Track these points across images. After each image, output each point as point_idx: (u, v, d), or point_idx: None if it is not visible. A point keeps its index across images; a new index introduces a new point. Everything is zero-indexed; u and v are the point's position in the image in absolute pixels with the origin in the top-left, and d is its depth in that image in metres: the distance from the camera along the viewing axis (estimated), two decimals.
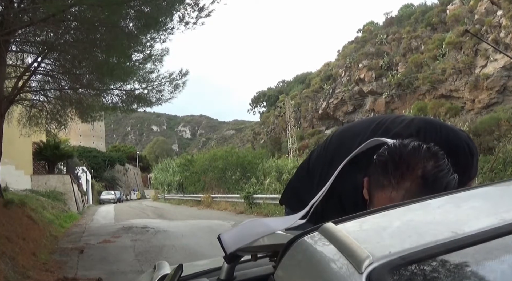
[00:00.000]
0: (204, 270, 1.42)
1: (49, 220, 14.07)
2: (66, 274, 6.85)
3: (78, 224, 17.73)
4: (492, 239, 0.62)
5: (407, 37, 55.83)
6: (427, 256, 0.60)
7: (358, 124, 1.61)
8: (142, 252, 9.06)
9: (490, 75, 41.90)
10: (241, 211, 18.66)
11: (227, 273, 1.04)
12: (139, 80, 11.82)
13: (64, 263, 7.95)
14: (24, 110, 14.10)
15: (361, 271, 0.59)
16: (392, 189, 1.14)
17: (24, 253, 7.59)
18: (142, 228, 14.04)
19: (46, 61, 12.02)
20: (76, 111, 14.27)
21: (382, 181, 1.16)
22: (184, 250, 9.17)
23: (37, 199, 16.75)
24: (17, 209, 10.85)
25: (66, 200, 23.08)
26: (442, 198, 0.88)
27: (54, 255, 8.90)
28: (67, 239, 11.96)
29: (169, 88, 12.18)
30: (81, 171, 36.58)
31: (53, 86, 12.78)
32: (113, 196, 49.74)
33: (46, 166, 26.01)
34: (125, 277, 6.62)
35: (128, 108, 12.98)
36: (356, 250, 0.64)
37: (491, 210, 0.79)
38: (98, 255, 9.02)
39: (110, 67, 9.23)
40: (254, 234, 1.01)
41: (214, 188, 27.04)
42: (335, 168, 1.32)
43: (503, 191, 0.98)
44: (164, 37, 10.24)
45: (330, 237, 0.73)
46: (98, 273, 6.83)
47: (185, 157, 37.59)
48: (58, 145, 24.97)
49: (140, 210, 28.29)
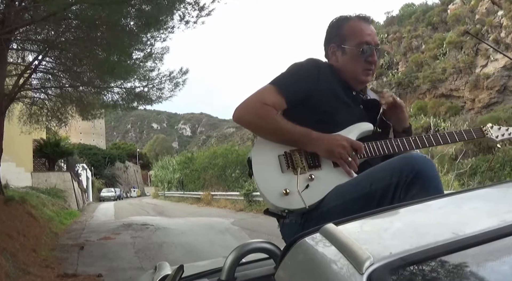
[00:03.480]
0: (205, 271, 1.42)
1: (50, 217, 14.11)
2: (67, 270, 6.92)
3: (78, 221, 17.79)
4: (493, 240, 0.62)
5: (407, 36, 55.62)
6: (427, 257, 0.60)
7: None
8: (142, 249, 9.14)
9: (491, 75, 41.79)
10: (241, 209, 18.76)
11: (228, 274, 1.05)
12: (139, 78, 11.90)
13: (65, 260, 8.03)
14: (24, 107, 14.14)
15: (362, 271, 0.59)
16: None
17: (25, 250, 7.66)
18: (142, 225, 14.12)
19: (47, 59, 12.07)
20: (77, 109, 14.32)
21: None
22: (183, 247, 9.24)
23: (37, 196, 16.80)
24: (17, 206, 10.91)
25: (66, 197, 23.13)
26: (443, 199, 0.89)
27: (55, 251, 8.96)
28: (67, 235, 12.02)
29: (169, 86, 12.28)
30: (81, 168, 36.62)
31: (54, 84, 12.82)
32: (113, 193, 49.86)
33: (46, 164, 26.03)
34: (125, 274, 6.69)
35: (128, 106, 13.04)
36: (357, 251, 0.64)
37: (492, 212, 0.79)
38: (98, 251, 9.09)
39: (111, 65, 9.28)
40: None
41: (214, 185, 27.11)
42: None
43: (503, 193, 0.98)
44: (165, 36, 10.32)
45: (331, 238, 0.73)
46: (98, 269, 6.90)
47: (185, 155, 37.79)
48: (58, 142, 25.01)
49: (140, 207, 28.40)
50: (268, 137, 1.68)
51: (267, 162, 1.62)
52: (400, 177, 1.34)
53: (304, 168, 1.58)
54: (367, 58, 1.76)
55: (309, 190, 1.52)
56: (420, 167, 1.33)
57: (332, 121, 1.67)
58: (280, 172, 1.59)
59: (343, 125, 1.68)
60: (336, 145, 1.56)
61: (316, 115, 1.68)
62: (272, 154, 1.63)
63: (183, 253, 8.43)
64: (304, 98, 1.70)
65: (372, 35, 1.78)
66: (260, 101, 1.67)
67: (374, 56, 1.78)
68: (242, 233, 10.91)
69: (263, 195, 1.58)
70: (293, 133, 1.62)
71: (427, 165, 1.35)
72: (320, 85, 1.71)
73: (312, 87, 1.70)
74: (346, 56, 1.78)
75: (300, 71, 1.75)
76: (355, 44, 1.76)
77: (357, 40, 1.76)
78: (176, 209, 23.41)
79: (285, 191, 1.52)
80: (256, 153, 1.67)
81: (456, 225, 0.70)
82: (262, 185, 1.59)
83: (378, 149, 1.65)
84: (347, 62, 1.79)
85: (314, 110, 1.69)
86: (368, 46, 1.75)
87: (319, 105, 1.70)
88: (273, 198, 1.54)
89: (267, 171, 1.61)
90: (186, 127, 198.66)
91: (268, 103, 1.66)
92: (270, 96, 1.68)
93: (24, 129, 14.60)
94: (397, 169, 1.36)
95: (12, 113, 13.55)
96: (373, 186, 1.39)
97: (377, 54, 1.80)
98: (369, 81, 1.86)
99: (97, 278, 6.30)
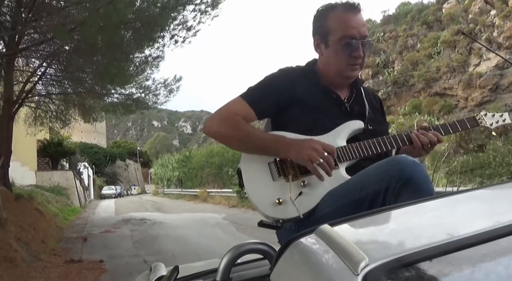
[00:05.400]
0: (200, 271, 1.42)
1: (54, 213, 15.01)
2: (72, 257, 7.95)
3: (81, 217, 18.80)
4: (487, 241, 0.62)
5: (403, 35, 55.77)
6: (422, 258, 0.60)
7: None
8: (139, 241, 10.17)
9: (483, 73, 42.10)
10: (234, 205, 19.61)
11: (223, 275, 1.03)
12: (136, 86, 13.00)
13: (70, 249, 9.07)
14: (30, 111, 15.14)
15: (357, 272, 0.59)
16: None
17: (35, 240, 8.70)
18: (140, 220, 15.21)
19: (52, 66, 13.11)
20: (79, 112, 15.36)
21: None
22: (176, 239, 10.25)
23: (42, 194, 17.52)
24: (26, 202, 11.90)
25: (69, 195, 23.92)
26: (438, 200, 0.88)
27: (61, 243, 10.04)
28: (71, 230, 13.10)
29: (164, 92, 13.39)
30: (83, 167, 37.28)
31: (58, 90, 13.82)
32: (114, 191, 50.14)
33: (49, 163, 27.04)
34: (123, 260, 7.72)
35: (127, 110, 14.11)
36: (352, 251, 0.63)
37: (487, 213, 0.80)
38: (100, 243, 10.14)
39: (110, 76, 10.36)
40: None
41: (211, 183, 27.99)
42: None
43: (498, 194, 0.99)
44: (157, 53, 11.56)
45: (326, 239, 0.73)
46: (100, 256, 7.93)
47: (183, 154, 38.36)
48: (61, 142, 25.96)
49: (139, 204, 29.25)
50: (240, 147, 1.66)
51: (257, 171, 1.58)
52: (390, 183, 1.30)
53: (296, 175, 1.54)
54: (351, 53, 1.66)
55: (302, 197, 1.50)
56: (409, 173, 1.30)
57: (318, 127, 1.63)
58: (272, 180, 1.55)
59: (331, 128, 1.64)
60: (307, 148, 1.49)
61: (301, 123, 1.64)
62: (261, 162, 1.59)
63: (176, 244, 9.45)
64: (280, 109, 1.67)
65: (358, 27, 1.65)
66: (230, 112, 1.65)
67: (359, 51, 1.66)
68: (231, 226, 11.94)
69: (256, 206, 1.54)
70: (265, 140, 1.60)
71: (416, 170, 1.31)
72: (298, 94, 1.66)
73: (285, 98, 1.66)
74: (330, 50, 1.70)
75: (270, 83, 1.70)
76: (338, 37, 1.66)
77: (341, 34, 1.65)
78: (174, 206, 24.28)
79: (278, 201, 1.49)
80: (245, 163, 1.62)
81: (451, 226, 0.71)
82: (254, 196, 1.55)
83: (370, 147, 1.60)
84: (330, 57, 1.71)
85: (299, 118, 1.65)
86: (351, 41, 1.64)
87: (302, 113, 1.65)
88: (267, 208, 1.50)
89: (257, 180, 1.57)
90: (186, 124, 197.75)
91: (239, 114, 1.64)
92: (239, 108, 1.65)
93: (29, 131, 15.58)
94: (386, 175, 1.33)
95: (18, 116, 14.48)
96: (363, 192, 1.37)
97: (364, 47, 1.68)
98: (355, 76, 1.75)
99: (99, 263, 7.33)
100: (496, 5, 42.73)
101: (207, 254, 7.54)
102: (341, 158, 1.56)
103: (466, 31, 43.22)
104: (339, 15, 1.66)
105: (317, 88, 1.70)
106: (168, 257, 7.70)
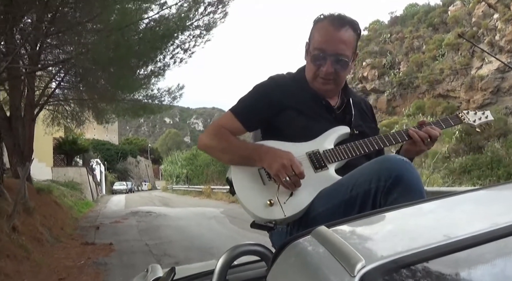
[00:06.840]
0: (196, 273, 1.43)
1: (69, 206, 16.55)
2: (87, 241, 9.54)
3: (94, 210, 20.43)
4: (484, 243, 0.62)
5: (409, 36, 56.05)
6: (419, 259, 0.60)
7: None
8: (144, 229, 11.71)
9: (485, 76, 42.53)
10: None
11: (219, 276, 1.02)
12: (143, 94, 14.67)
13: (85, 235, 10.64)
14: (48, 112, 16.72)
15: (354, 274, 0.59)
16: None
17: (56, 227, 10.32)
18: (146, 212, 16.90)
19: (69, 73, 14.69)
20: (93, 114, 16.93)
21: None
22: (176, 228, 11.74)
23: (58, 188, 18.95)
24: (46, 195, 13.51)
25: (82, 190, 25.32)
26: (435, 202, 0.88)
27: (77, 230, 11.66)
28: (85, 220, 14.77)
29: (169, 99, 15.06)
30: (95, 163, 38.70)
31: (74, 95, 15.39)
32: (125, 186, 51.09)
33: (64, 159, 28.77)
34: (129, 243, 9.26)
35: (135, 114, 15.74)
36: (349, 253, 0.63)
37: (484, 214, 0.80)
38: (110, 231, 11.71)
39: (120, 86, 11.98)
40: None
41: (215, 180, 29.36)
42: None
43: (495, 195, 0.99)
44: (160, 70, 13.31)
45: (323, 240, 0.73)
46: (110, 240, 9.47)
47: (191, 151, 39.79)
48: (75, 140, 27.63)
49: (148, 199, 30.72)
50: (228, 159, 1.66)
51: (247, 177, 1.59)
52: (379, 182, 1.30)
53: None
54: (320, 66, 1.66)
55: (294, 197, 1.50)
56: (398, 171, 1.29)
57: (307, 133, 1.64)
58: (262, 185, 1.56)
59: (320, 134, 1.64)
60: (276, 162, 1.49)
61: (291, 128, 1.65)
62: (251, 168, 1.59)
63: (175, 232, 10.95)
64: (269, 116, 1.68)
65: (334, 42, 1.63)
66: (219, 126, 1.69)
67: (327, 66, 1.64)
68: (225, 219, 13.44)
69: (248, 210, 1.54)
70: (246, 148, 1.62)
71: (405, 168, 1.30)
72: (287, 100, 1.67)
73: (274, 105, 1.67)
74: (307, 59, 1.73)
75: (258, 93, 1.72)
76: (312, 48, 1.68)
77: (314, 45, 1.67)
78: (180, 201, 25.70)
79: (269, 202, 1.49)
80: (235, 171, 1.62)
81: (447, 228, 0.70)
82: (246, 201, 1.55)
83: (358, 148, 1.61)
84: (307, 65, 1.75)
85: (289, 124, 1.66)
86: (318, 54, 1.65)
87: (292, 119, 1.66)
88: (258, 210, 1.50)
89: (248, 186, 1.58)
90: (198, 121, 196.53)
91: (226, 127, 1.67)
92: (227, 122, 1.68)
93: (47, 130, 17.12)
94: (375, 174, 1.32)
95: (38, 117, 16.05)
96: (353, 192, 1.36)
97: (337, 64, 1.65)
98: (326, 89, 1.72)
99: (109, 245, 8.87)
100: (499, 9, 43.30)
101: (200, 239, 9.16)
102: (330, 159, 1.58)
103: (469, 34, 43.85)
104: (321, 27, 1.67)
105: (307, 94, 1.71)
106: (166, 241, 9.23)
